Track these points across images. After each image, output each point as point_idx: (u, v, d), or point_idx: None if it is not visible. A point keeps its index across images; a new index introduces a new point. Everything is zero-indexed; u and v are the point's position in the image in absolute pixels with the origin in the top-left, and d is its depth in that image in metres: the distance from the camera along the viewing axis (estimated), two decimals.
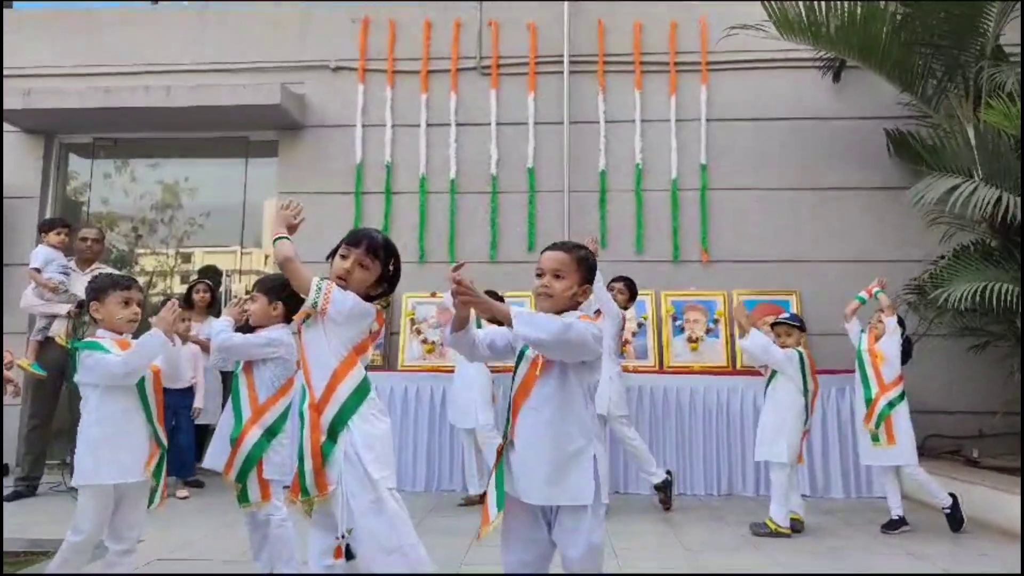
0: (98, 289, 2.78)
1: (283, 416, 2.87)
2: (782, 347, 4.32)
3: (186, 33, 6.78)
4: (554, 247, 2.22)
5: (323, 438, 2.18)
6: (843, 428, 5.37)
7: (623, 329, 4.85)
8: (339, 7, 6.76)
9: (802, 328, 4.51)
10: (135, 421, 2.68)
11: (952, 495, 4.21)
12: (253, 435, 2.79)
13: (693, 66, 6.41)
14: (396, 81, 6.56)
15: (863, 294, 4.53)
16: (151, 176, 7.11)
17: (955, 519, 4.18)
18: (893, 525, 4.18)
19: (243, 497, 2.78)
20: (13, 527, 3.82)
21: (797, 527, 4.17)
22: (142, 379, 2.69)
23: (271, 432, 2.81)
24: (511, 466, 2.07)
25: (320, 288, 2.21)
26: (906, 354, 4.51)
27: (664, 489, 4.68)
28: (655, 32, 6.47)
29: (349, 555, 2.16)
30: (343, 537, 2.13)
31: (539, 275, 2.18)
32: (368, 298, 2.31)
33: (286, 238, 2.34)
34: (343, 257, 2.29)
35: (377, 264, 2.31)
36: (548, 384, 2.06)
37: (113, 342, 2.71)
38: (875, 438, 4.25)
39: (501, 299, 2.27)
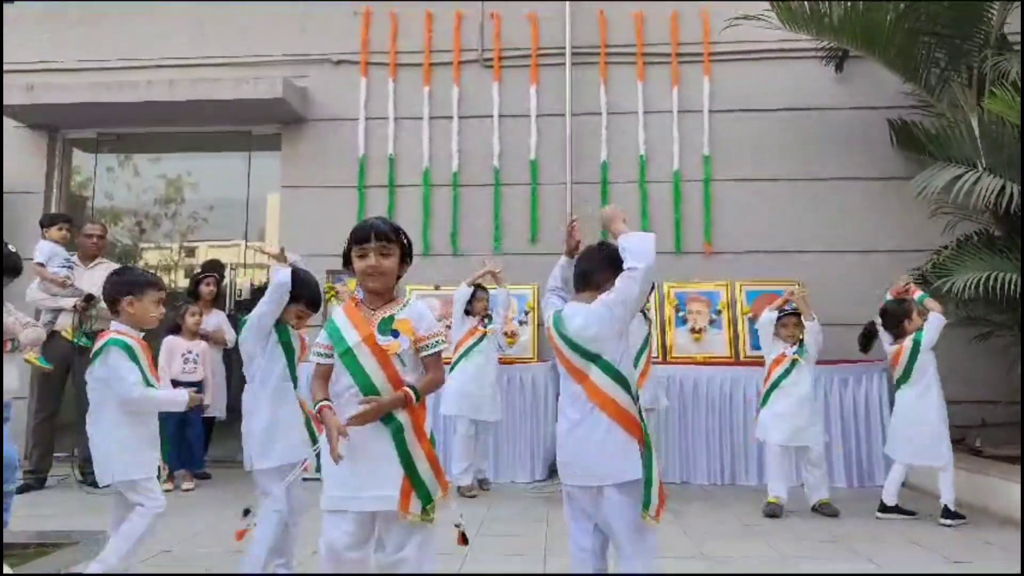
0: (135, 284, 2.86)
1: None
2: (789, 338, 4.48)
3: (189, 27, 6.78)
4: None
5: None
6: (846, 418, 5.39)
7: None
8: (341, 2, 6.75)
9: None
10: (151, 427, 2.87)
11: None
12: None
13: (695, 57, 6.39)
14: (398, 74, 6.56)
15: (891, 296, 4.57)
16: (154, 170, 7.14)
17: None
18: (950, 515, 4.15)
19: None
20: (21, 519, 3.85)
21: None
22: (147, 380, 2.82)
23: None
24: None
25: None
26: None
27: None
28: (656, 23, 6.46)
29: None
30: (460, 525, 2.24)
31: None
32: (398, 279, 2.36)
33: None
34: (362, 256, 2.25)
35: (394, 246, 2.30)
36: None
37: (136, 342, 2.82)
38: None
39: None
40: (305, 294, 3.00)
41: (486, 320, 5.14)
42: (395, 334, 2.22)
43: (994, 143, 4.92)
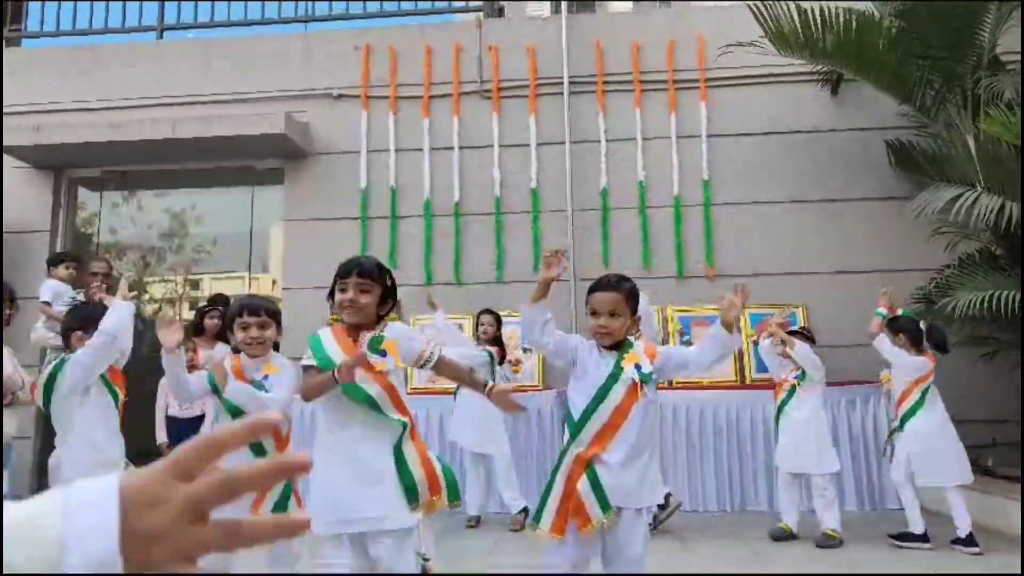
0: (86, 320, 3.01)
1: None
2: (786, 356, 4.45)
3: (190, 65, 6.89)
4: (605, 287, 2.45)
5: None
6: (855, 440, 5.34)
7: None
8: (340, 37, 6.88)
9: (810, 339, 4.55)
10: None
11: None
12: None
13: (692, 83, 6.47)
14: (399, 107, 6.64)
15: (882, 309, 4.49)
16: (159, 205, 7.21)
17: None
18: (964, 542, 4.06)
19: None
20: None
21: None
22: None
23: None
24: (601, 476, 2.31)
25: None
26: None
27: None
28: (653, 51, 6.54)
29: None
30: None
31: (594, 314, 2.41)
32: (379, 318, 2.42)
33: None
34: (342, 291, 2.36)
35: (376, 284, 2.39)
36: (643, 405, 2.36)
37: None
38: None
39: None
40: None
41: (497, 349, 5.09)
42: (383, 353, 2.34)
43: (991, 162, 4.94)
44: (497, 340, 5.12)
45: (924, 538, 4.12)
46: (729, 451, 5.41)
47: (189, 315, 6.61)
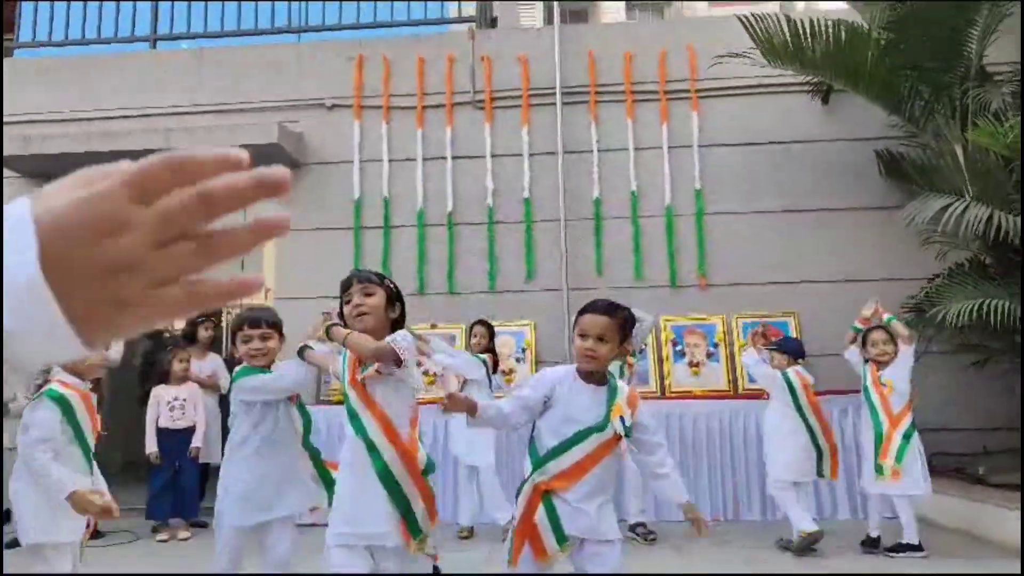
0: None
1: None
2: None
3: (183, 75, 6.89)
4: (596, 310, 2.35)
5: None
6: (847, 449, 5.34)
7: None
8: (333, 47, 6.90)
9: (787, 352, 4.57)
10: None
11: None
12: None
13: (683, 94, 6.51)
14: (391, 117, 6.65)
15: (858, 324, 4.52)
16: None
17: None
18: (900, 548, 4.14)
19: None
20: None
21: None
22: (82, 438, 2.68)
23: None
24: (563, 510, 2.29)
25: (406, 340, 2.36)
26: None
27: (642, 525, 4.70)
28: (645, 61, 6.58)
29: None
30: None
31: (582, 336, 2.32)
32: (394, 324, 2.43)
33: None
34: (348, 302, 2.39)
35: (379, 288, 2.41)
36: (613, 456, 2.36)
37: (76, 394, 2.72)
38: (880, 470, 4.16)
39: None
40: None
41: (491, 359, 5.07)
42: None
43: (980, 172, 4.99)
44: (490, 350, 5.11)
45: (876, 542, 4.20)
46: (723, 460, 5.42)
47: (180, 324, 6.57)
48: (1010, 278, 5.03)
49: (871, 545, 4.22)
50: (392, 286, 2.46)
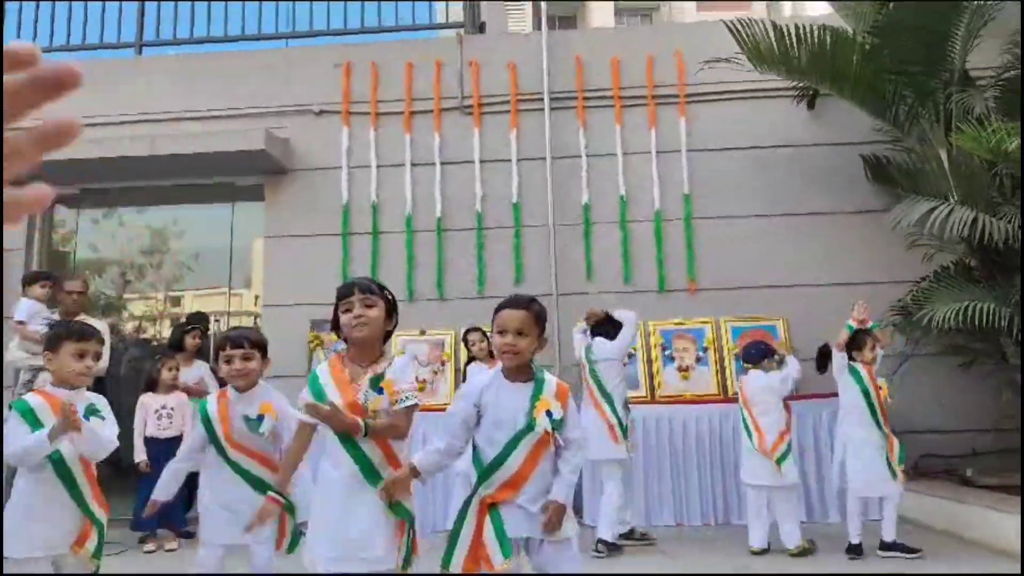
0: (51, 339, 2.67)
1: None
2: None
3: (170, 82, 6.85)
4: (512, 305, 2.37)
5: None
6: (836, 452, 5.35)
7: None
8: (321, 52, 6.88)
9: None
10: (54, 499, 2.57)
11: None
12: None
13: (671, 99, 6.53)
14: (380, 123, 6.64)
15: (852, 323, 4.54)
16: (138, 221, 7.14)
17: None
18: (890, 547, 4.18)
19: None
20: None
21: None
22: (62, 461, 2.56)
23: None
24: (510, 515, 2.27)
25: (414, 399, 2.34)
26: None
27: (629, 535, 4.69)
28: (633, 67, 6.61)
29: None
30: None
31: (500, 332, 2.32)
32: (387, 334, 2.43)
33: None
34: (347, 310, 2.32)
35: (379, 298, 2.37)
36: (549, 455, 2.34)
37: (45, 400, 2.60)
38: (893, 473, 4.24)
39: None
40: None
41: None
42: (381, 391, 2.29)
43: (964, 176, 5.04)
44: (491, 354, 5.06)
45: (857, 549, 4.19)
46: (712, 464, 5.42)
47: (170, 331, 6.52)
48: (994, 281, 5.07)
49: (855, 552, 4.21)
50: (391, 297, 2.43)
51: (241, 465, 2.80)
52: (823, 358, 4.62)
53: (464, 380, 5.18)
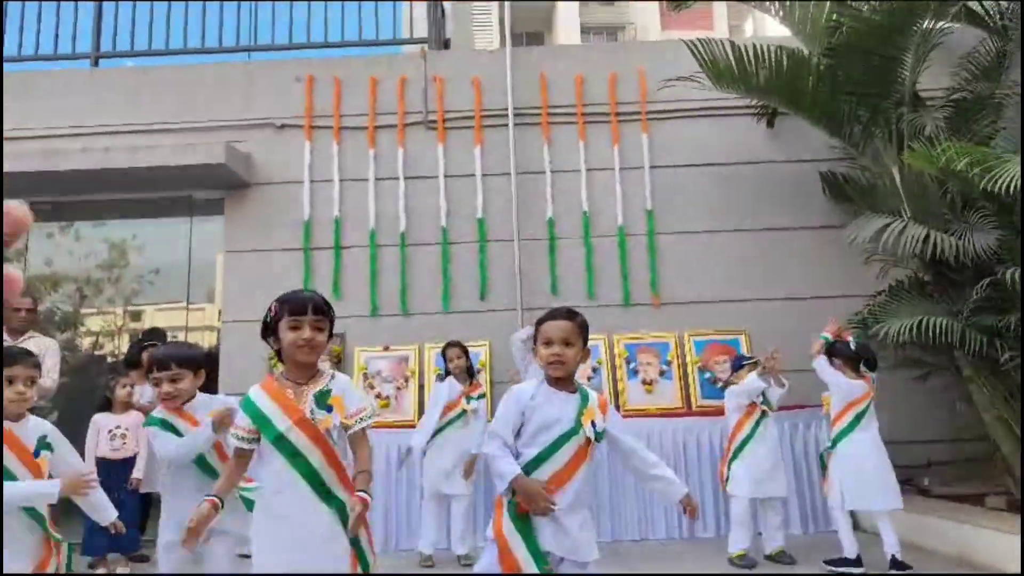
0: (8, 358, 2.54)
1: None
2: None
3: (127, 94, 6.71)
4: (557, 316, 2.42)
5: None
6: (798, 463, 5.42)
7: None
8: (283, 66, 6.82)
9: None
10: (13, 521, 2.48)
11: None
12: None
13: (633, 116, 6.61)
14: (343, 137, 6.58)
15: (827, 334, 4.58)
16: (95, 235, 6.96)
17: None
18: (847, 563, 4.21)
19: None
20: None
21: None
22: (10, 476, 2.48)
23: None
24: (543, 528, 2.25)
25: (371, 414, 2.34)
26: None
27: None
28: (596, 84, 6.68)
29: None
30: None
31: (546, 344, 2.36)
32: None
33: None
34: (294, 328, 2.24)
35: (327, 321, 2.32)
36: (589, 464, 2.36)
37: None
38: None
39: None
40: None
41: (470, 391, 4.87)
42: (329, 408, 2.23)
43: (916, 194, 5.18)
44: (469, 371, 4.96)
45: (857, 562, 4.18)
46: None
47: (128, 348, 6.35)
48: (947, 295, 5.21)
49: (856, 564, 4.19)
50: (333, 317, 2.37)
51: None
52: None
53: (430, 395, 5.12)
